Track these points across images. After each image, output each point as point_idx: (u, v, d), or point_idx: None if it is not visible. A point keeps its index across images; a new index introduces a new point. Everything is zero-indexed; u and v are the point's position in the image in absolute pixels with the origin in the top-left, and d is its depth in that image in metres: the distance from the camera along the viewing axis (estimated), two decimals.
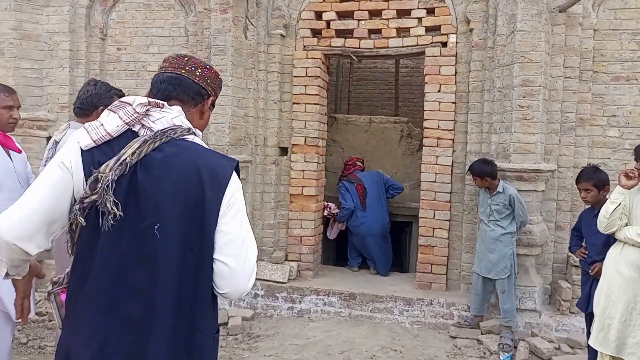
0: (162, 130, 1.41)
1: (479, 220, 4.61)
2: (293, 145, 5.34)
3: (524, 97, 4.42)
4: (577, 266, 4.14)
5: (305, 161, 5.30)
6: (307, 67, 5.28)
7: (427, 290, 4.98)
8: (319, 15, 5.31)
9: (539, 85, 4.41)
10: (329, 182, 6.05)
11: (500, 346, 4.13)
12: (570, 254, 4.38)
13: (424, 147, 5.08)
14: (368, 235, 5.64)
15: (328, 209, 5.80)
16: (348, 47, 5.28)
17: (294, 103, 5.33)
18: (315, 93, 5.27)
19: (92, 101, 2.87)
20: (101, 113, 1.66)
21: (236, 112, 5.07)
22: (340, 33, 5.31)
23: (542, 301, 4.59)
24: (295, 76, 5.31)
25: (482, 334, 4.39)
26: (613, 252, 3.17)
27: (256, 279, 5.02)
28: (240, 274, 1.39)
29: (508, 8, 4.53)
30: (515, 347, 4.15)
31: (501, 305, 4.29)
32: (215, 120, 5.02)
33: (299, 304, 4.99)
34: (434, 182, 4.99)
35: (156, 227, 1.33)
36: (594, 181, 3.39)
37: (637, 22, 4.60)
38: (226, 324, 4.56)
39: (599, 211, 3.18)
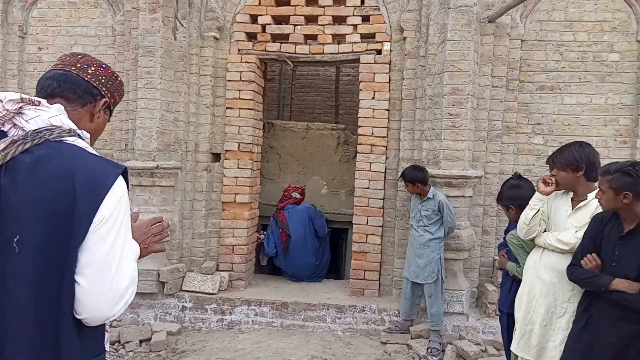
0: (35, 130, 1.26)
1: (410, 225, 4.63)
2: (226, 151, 5.19)
3: (453, 105, 4.49)
4: (502, 269, 4.22)
5: (238, 167, 5.16)
6: (241, 72, 5.16)
7: (360, 297, 4.95)
8: (254, 18, 5.22)
9: (468, 94, 4.49)
10: (264, 189, 5.93)
11: (429, 350, 4.15)
12: (496, 257, 4.47)
13: (357, 154, 5.06)
14: (293, 276, 5.64)
15: (258, 240, 5.75)
16: (284, 52, 5.20)
17: (227, 108, 5.19)
18: (249, 98, 5.16)
19: None
20: None
21: (165, 116, 4.87)
22: (276, 38, 5.24)
23: (469, 304, 4.66)
24: (229, 80, 5.17)
25: (412, 338, 4.39)
26: (533, 258, 3.20)
27: (184, 290, 4.90)
28: (99, 299, 1.23)
29: (439, 18, 4.60)
30: (444, 351, 4.18)
31: (428, 309, 4.32)
32: (142, 125, 4.81)
33: (230, 315, 4.82)
34: (368, 188, 4.98)
35: (15, 239, 1.18)
36: (510, 201, 3.41)
37: (560, 34, 4.79)
38: (149, 339, 4.32)
39: None
